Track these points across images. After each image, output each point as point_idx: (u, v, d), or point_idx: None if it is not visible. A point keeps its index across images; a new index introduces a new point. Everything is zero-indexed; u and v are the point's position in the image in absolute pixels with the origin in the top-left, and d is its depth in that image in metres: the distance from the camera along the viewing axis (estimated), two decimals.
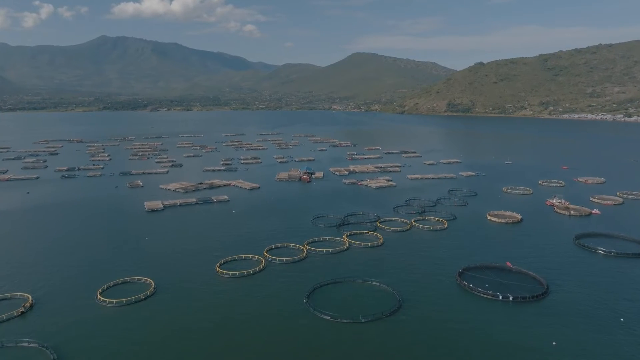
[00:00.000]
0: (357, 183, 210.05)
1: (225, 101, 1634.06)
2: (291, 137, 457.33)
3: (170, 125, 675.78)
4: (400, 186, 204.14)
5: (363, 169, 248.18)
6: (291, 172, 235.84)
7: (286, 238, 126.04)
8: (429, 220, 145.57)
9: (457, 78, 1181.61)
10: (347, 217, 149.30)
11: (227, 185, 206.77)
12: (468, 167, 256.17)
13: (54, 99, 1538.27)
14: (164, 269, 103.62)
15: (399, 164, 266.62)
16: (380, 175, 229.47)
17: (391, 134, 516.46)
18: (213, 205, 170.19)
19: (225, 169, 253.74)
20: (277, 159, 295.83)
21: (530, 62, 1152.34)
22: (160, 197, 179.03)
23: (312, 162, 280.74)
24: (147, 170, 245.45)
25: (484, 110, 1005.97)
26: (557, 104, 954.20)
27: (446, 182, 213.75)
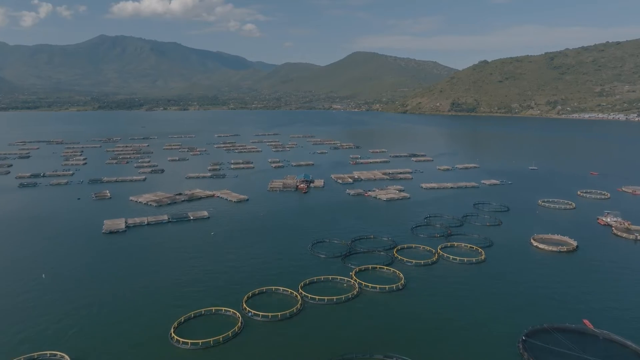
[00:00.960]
0: (363, 194, 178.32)
1: (224, 100, 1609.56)
2: (289, 138, 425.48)
3: (163, 125, 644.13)
4: (414, 198, 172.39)
5: (369, 176, 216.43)
6: (286, 180, 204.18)
7: (274, 277, 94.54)
8: (459, 249, 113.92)
9: (460, 77, 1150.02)
10: (354, 243, 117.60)
11: (210, 196, 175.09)
12: (489, 174, 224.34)
13: (50, 98, 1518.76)
14: (95, 336, 71.88)
15: (409, 170, 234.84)
16: (390, 184, 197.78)
17: (396, 135, 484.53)
18: (189, 223, 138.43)
19: (212, 175, 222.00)
20: (272, 163, 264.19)
21: (536, 60, 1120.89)
22: (127, 213, 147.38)
23: (311, 168, 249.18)
24: (121, 178, 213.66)
25: (489, 110, 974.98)
26: (565, 103, 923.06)
27: (468, 193, 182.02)
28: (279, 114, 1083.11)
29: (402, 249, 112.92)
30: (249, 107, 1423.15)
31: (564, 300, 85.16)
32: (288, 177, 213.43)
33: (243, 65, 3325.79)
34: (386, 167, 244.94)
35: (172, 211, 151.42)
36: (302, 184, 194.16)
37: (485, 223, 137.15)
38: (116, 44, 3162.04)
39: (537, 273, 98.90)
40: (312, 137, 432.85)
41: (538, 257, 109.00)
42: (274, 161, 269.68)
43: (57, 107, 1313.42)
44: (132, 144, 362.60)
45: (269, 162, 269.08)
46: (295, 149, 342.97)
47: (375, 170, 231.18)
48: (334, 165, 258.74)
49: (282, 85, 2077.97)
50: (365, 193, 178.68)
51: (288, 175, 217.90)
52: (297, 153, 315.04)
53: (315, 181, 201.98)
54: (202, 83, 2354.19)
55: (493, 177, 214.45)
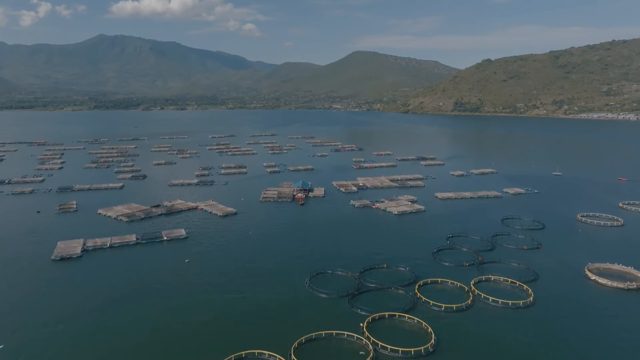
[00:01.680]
0: (370, 206, 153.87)
1: (223, 100, 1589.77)
2: (287, 139, 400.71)
3: (157, 125, 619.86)
4: (430, 210, 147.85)
5: (376, 183, 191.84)
6: (282, 189, 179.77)
7: (259, 336, 70.10)
8: (498, 284, 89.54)
9: (464, 76, 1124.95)
10: (363, 275, 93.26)
11: (192, 208, 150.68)
12: (510, 181, 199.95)
13: (47, 97, 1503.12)
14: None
15: (420, 176, 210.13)
16: (400, 192, 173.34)
17: (400, 136, 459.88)
18: (161, 246, 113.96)
19: (199, 182, 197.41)
20: (267, 167, 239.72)
21: (541, 59, 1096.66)
22: (90, 231, 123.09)
23: (310, 173, 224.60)
24: (95, 185, 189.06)
25: (494, 110, 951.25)
26: (571, 102, 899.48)
27: (491, 205, 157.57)
28: (278, 113, 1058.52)
29: (425, 285, 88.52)
30: (248, 106, 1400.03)
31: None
32: (284, 184, 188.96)
33: (243, 65, 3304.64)
34: (394, 173, 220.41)
35: (144, 228, 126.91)
36: (299, 193, 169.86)
37: (521, 246, 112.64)
38: (115, 43, 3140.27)
39: (609, 324, 74.45)
40: (312, 138, 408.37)
41: (601, 298, 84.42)
42: (270, 165, 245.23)
43: (52, 107, 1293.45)
44: (118, 146, 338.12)
45: (264, 166, 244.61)
46: (294, 151, 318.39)
47: (382, 177, 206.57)
48: (336, 170, 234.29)
49: (281, 85, 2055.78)
50: (373, 205, 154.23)
51: (284, 182, 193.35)
52: (295, 156, 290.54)
53: (314, 190, 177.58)
54: (202, 83, 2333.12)
55: (515, 184, 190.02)
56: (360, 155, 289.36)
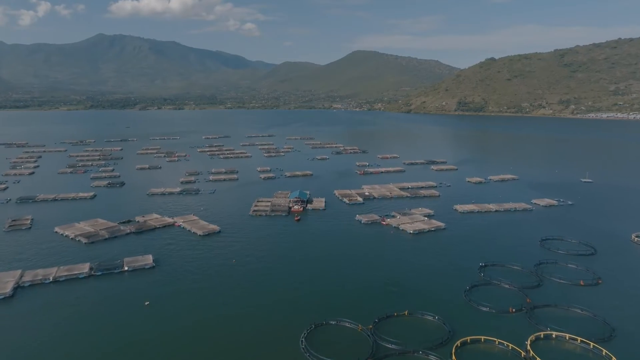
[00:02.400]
0: (380, 221, 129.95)
1: (222, 100, 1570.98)
2: (284, 140, 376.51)
3: (151, 125, 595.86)
4: (451, 228, 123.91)
5: (384, 193, 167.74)
6: (276, 200, 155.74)
7: None
8: (563, 344, 65.68)
9: (467, 75, 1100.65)
10: (379, 326, 69.31)
11: (169, 225, 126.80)
12: (535, 189, 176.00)
13: (44, 97, 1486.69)
14: None
15: (433, 183, 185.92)
16: (413, 204, 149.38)
17: (404, 137, 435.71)
18: (119, 279, 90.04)
19: (182, 191, 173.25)
20: (261, 173, 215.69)
21: (545, 58, 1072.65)
22: (33, 259, 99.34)
23: (309, 180, 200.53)
24: (62, 195, 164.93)
25: (499, 109, 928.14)
26: (578, 102, 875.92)
27: (522, 220, 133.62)
28: (276, 113, 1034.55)
29: (464, 347, 64.60)
30: (247, 106, 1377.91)
31: None
32: (279, 194, 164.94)
33: (242, 64, 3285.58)
34: (402, 179, 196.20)
35: (104, 254, 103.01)
36: (296, 205, 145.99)
37: (575, 279, 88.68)
38: (114, 43, 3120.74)
39: None
40: (311, 139, 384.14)
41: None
42: (264, 170, 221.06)
43: (48, 107, 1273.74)
44: (102, 148, 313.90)
45: (258, 171, 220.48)
46: (291, 153, 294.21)
47: (391, 184, 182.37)
48: (338, 175, 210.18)
49: (281, 85, 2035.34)
50: (383, 220, 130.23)
51: (279, 191, 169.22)
52: (293, 159, 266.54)
53: (313, 201, 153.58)
54: (201, 82, 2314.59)
55: (543, 193, 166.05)
56: (363, 158, 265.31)
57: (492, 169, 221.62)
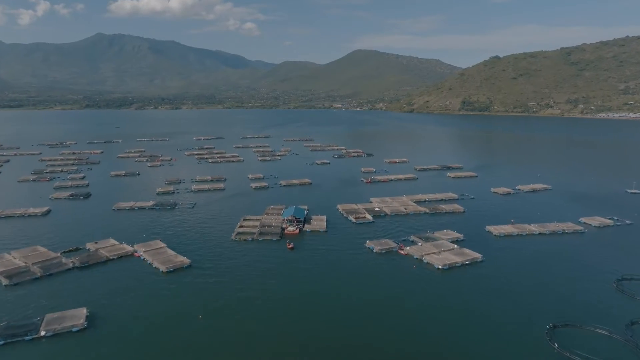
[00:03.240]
0: (398, 250, 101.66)
1: (220, 99, 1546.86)
2: (282, 142, 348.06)
3: (142, 125, 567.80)
4: (490, 261, 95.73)
5: (397, 208, 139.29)
6: (267, 218, 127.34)
7: None
8: None
9: (471, 73, 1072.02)
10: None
11: (127, 255, 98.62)
12: (579, 203, 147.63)
13: (41, 96, 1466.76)
14: None
15: (454, 195, 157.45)
16: (434, 223, 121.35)
17: (411, 138, 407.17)
18: (31, 350, 61.79)
19: (156, 205, 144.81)
20: (253, 181, 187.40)
21: (552, 56, 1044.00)
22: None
23: (308, 190, 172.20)
24: (9, 211, 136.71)
25: (504, 109, 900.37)
26: (587, 101, 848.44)
27: (575, 246, 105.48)
28: (275, 113, 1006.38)
29: None
30: (245, 105, 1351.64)
31: None
32: (271, 209, 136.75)
33: (242, 64, 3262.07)
34: (417, 189, 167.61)
35: (20, 305, 74.76)
36: (290, 225, 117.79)
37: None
38: (113, 42, 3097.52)
39: None
40: (311, 140, 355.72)
41: None
42: (256, 178, 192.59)
43: (42, 106, 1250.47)
44: (81, 151, 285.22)
45: (249, 178, 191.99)
46: (288, 157, 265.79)
47: (404, 197, 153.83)
48: (341, 184, 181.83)
49: (281, 84, 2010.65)
50: (401, 248, 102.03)
51: (271, 206, 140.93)
52: (290, 164, 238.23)
53: (312, 219, 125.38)
54: (200, 82, 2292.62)
55: (588, 208, 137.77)
56: (369, 163, 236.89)
57: (519, 177, 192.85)
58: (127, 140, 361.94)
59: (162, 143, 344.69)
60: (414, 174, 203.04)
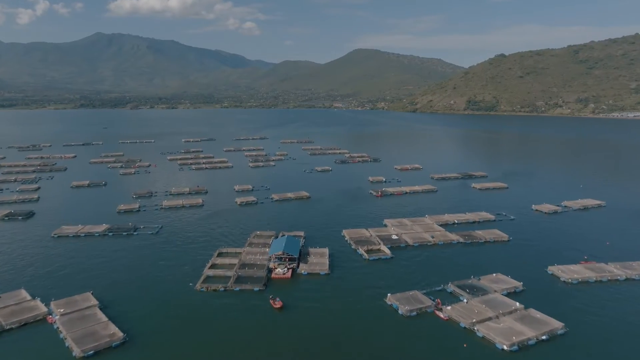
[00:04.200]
0: (435, 311, 69.40)
1: (219, 99, 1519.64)
2: (278, 144, 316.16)
3: (132, 125, 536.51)
4: (576, 334, 63.37)
5: (421, 235, 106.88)
6: (249, 252, 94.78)
7: None
8: None
9: (476, 72, 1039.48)
10: None
11: (34, 321, 66.47)
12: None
13: (37, 96, 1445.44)
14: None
15: (489, 215, 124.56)
16: (473, 257, 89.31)
17: (419, 140, 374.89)
18: None
19: (109, 230, 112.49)
20: (239, 193, 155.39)
21: (559, 54, 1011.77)
22: None
23: (305, 206, 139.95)
24: None
25: (511, 109, 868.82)
26: (597, 100, 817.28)
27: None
28: (274, 112, 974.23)
29: None
30: (243, 105, 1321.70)
31: None
32: (255, 236, 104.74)
33: (242, 63, 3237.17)
34: (439, 205, 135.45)
35: None
36: (280, 265, 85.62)
37: None
38: (113, 41, 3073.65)
39: None
40: (310, 142, 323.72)
41: None
42: (243, 190, 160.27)
43: (35, 106, 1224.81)
44: (50, 155, 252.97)
45: (236, 190, 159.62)
46: (284, 163, 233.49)
47: (427, 217, 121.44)
48: (346, 198, 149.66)
49: (280, 84, 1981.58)
50: (438, 308, 69.80)
51: (257, 232, 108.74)
52: (286, 171, 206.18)
53: (310, 254, 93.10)
54: (199, 81, 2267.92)
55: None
56: (377, 170, 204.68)
57: (559, 189, 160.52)
58: (109, 141, 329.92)
59: (146, 145, 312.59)
60: (432, 184, 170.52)
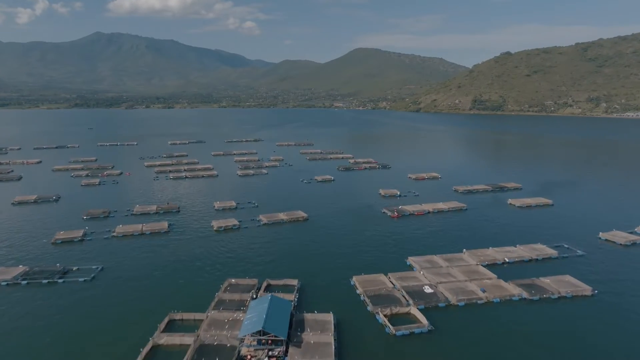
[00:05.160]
0: None
1: (217, 98, 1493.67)
2: (274, 147, 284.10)
3: (121, 126, 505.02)
4: None
5: (466, 288, 74.82)
6: (211, 325, 62.28)
7: None
8: None
9: (481, 70, 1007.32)
10: None
11: None
12: None
13: (33, 95, 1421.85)
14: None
15: (551, 251, 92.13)
16: (548, 330, 56.99)
17: (429, 142, 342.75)
18: None
19: (24, 275, 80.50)
20: (218, 213, 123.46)
21: (567, 52, 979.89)
22: None
23: (302, 232, 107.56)
24: None
25: (519, 108, 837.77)
26: (609, 99, 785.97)
27: None
28: (273, 112, 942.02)
29: None
30: (242, 105, 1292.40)
31: None
32: (230, 286, 72.85)
33: (242, 63, 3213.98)
34: (477, 234, 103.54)
35: None
36: (257, 353, 53.44)
37: None
38: (112, 41, 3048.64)
39: None
40: (310, 145, 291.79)
41: None
42: (225, 208, 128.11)
43: (28, 105, 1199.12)
44: (10, 161, 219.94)
45: (215, 209, 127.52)
46: (279, 170, 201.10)
47: (465, 253, 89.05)
48: (353, 221, 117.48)
49: (280, 83, 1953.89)
50: None
51: (231, 279, 76.58)
52: (280, 181, 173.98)
53: (305, 324, 60.86)
54: (199, 81, 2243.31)
55: None
56: (387, 179, 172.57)
57: (621, 207, 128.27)
58: (87, 144, 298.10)
59: (127, 149, 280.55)
60: (457, 198, 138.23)
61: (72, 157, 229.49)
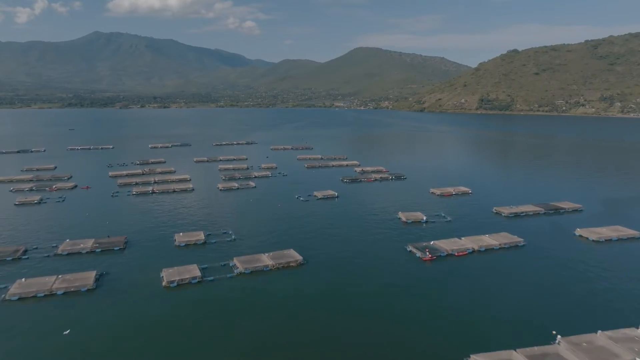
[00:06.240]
0: None
1: (216, 98, 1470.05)
2: (268, 151, 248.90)
3: (107, 126, 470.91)
4: None
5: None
6: None
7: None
8: None
9: (487, 68, 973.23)
10: None
11: None
12: None
13: (29, 95, 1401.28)
14: None
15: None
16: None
17: (442, 146, 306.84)
18: None
19: None
20: (179, 251, 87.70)
21: (576, 49, 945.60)
22: None
23: (293, 290, 71.54)
24: None
25: (528, 107, 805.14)
26: (623, 98, 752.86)
27: None
28: (272, 112, 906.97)
29: None
30: (240, 104, 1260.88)
31: None
32: None
33: (242, 63, 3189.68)
34: (564, 297, 68.19)
35: None
36: None
37: None
38: (111, 40, 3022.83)
39: None
40: (309, 149, 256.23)
41: None
42: (189, 242, 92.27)
43: (20, 105, 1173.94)
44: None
45: (175, 245, 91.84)
46: (271, 181, 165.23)
47: (559, 342, 53.59)
48: (369, 265, 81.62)
49: (280, 83, 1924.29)
50: None
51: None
52: (269, 199, 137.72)
53: None
54: (198, 81, 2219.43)
55: None
56: (405, 195, 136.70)
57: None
58: (56, 148, 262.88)
59: (100, 153, 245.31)
60: (507, 228, 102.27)
61: (26, 165, 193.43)
